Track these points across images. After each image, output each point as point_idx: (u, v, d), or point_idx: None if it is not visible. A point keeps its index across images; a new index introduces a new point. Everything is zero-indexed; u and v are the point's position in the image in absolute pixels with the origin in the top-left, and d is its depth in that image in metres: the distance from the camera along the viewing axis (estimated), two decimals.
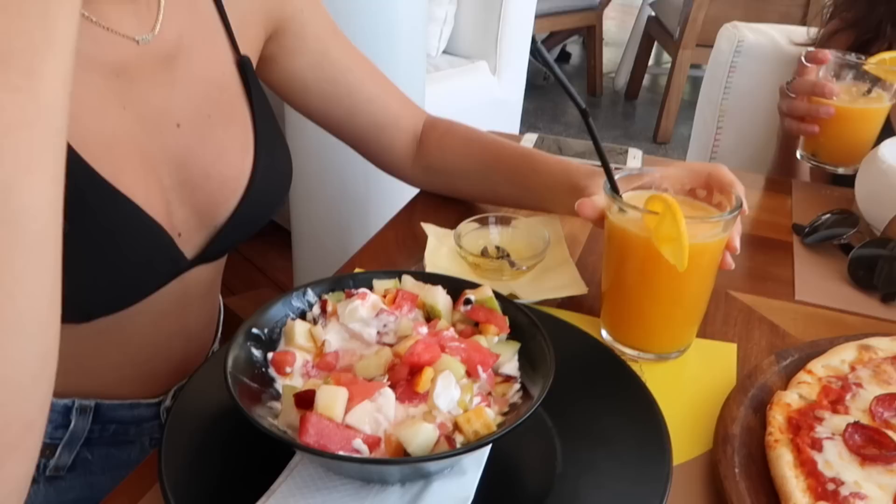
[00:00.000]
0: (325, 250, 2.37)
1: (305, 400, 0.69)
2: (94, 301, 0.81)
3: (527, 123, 2.55)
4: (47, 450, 0.91)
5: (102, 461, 0.96)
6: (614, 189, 0.93)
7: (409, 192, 1.44)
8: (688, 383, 0.95)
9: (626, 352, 0.98)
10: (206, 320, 1.04)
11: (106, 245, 0.79)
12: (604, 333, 1.01)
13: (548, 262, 1.11)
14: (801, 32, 1.84)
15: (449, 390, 0.69)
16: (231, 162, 0.92)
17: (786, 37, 1.89)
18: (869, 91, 1.34)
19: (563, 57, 6.71)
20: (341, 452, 0.65)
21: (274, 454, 0.74)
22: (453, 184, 1.21)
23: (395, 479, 0.71)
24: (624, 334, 0.99)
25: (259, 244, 3.13)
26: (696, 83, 6.11)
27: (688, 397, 0.89)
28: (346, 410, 0.67)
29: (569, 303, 1.09)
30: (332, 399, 0.66)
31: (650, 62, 5.90)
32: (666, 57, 6.42)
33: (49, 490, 0.93)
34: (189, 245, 0.90)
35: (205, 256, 0.93)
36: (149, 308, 0.88)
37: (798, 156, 1.41)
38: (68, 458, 0.93)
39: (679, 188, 0.97)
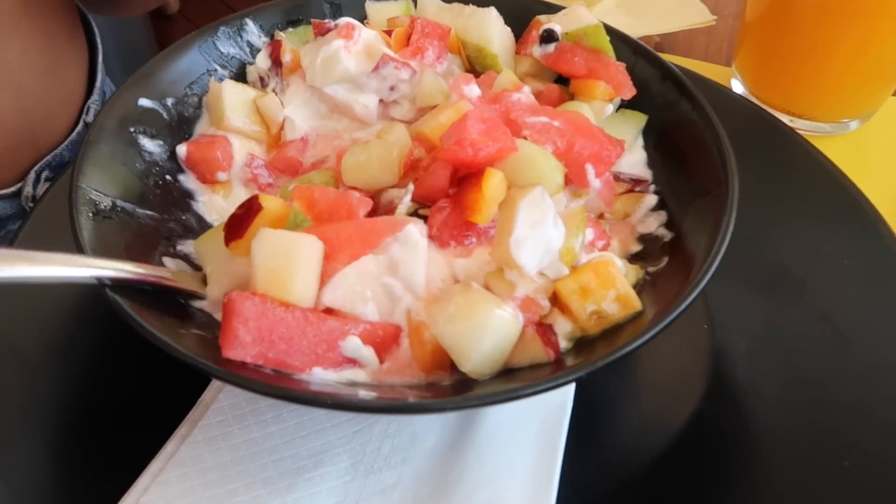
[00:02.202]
0: None
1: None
2: None
3: None
4: None
5: None
6: None
7: None
8: (880, 169, 0.59)
9: (777, 117, 0.61)
10: (45, 63, 0.69)
11: None
12: (737, 88, 0.64)
13: None
14: None
15: (542, 229, 0.32)
16: None
17: None
18: None
19: None
20: (317, 373, 0.30)
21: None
22: None
23: None
24: (778, 90, 0.62)
25: None
26: None
27: (888, 193, 0.54)
28: (323, 279, 0.31)
29: (671, 43, 0.70)
30: (287, 259, 0.30)
31: None
32: None
33: None
34: None
35: None
36: None
37: None
38: None
39: None
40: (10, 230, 0.69)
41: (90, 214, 0.35)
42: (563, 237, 0.33)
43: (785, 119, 0.62)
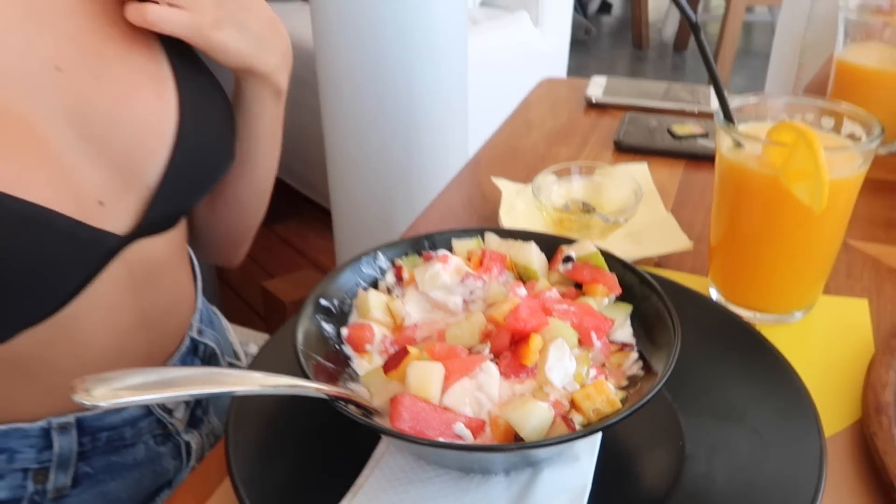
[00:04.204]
0: (367, 228, 2.20)
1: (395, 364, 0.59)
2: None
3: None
4: (39, 475, 0.78)
5: (107, 470, 0.84)
6: (728, 118, 0.79)
7: (456, 160, 1.32)
8: (817, 347, 0.82)
9: (742, 313, 0.86)
10: (171, 304, 0.89)
11: None
12: (713, 294, 0.89)
13: (642, 215, 0.98)
14: None
15: (563, 362, 0.58)
16: (144, 100, 0.73)
17: None
18: None
19: (604, 8, 6.41)
20: (442, 440, 0.54)
21: (355, 444, 0.64)
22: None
23: (500, 468, 0.60)
24: (739, 293, 0.86)
25: (297, 225, 3.11)
26: (748, 29, 5.82)
27: (820, 363, 0.78)
28: (443, 389, 0.56)
29: (667, 262, 0.96)
30: (426, 376, 0.56)
31: (699, 9, 5.60)
32: (715, 2, 6.12)
33: None
34: (119, 216, 0.74)
35: (146, 228, 0.77)
36: (93, 305, 0.73)
37: None
38: (66, 479, 0.81)
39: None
40: (141, 427, 0.84)
41: (304, 362, 0.61)
42: (575, 367, 0.58)
43: (749, 314, 0.86)
